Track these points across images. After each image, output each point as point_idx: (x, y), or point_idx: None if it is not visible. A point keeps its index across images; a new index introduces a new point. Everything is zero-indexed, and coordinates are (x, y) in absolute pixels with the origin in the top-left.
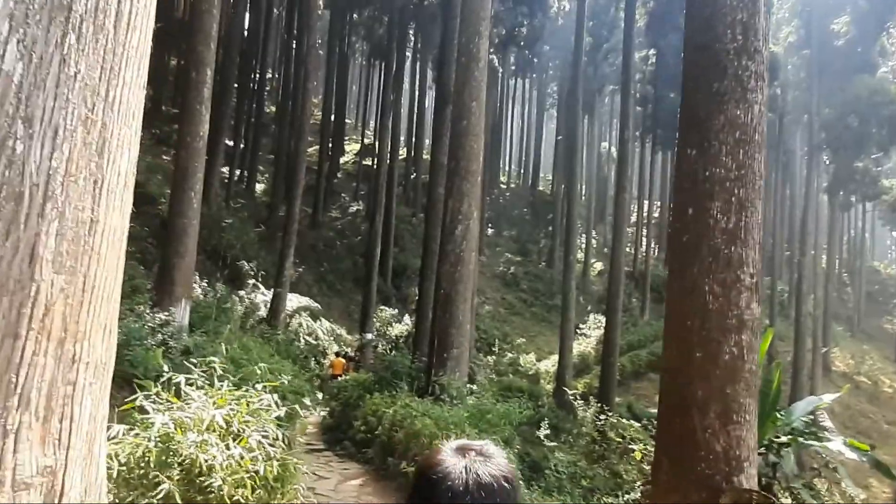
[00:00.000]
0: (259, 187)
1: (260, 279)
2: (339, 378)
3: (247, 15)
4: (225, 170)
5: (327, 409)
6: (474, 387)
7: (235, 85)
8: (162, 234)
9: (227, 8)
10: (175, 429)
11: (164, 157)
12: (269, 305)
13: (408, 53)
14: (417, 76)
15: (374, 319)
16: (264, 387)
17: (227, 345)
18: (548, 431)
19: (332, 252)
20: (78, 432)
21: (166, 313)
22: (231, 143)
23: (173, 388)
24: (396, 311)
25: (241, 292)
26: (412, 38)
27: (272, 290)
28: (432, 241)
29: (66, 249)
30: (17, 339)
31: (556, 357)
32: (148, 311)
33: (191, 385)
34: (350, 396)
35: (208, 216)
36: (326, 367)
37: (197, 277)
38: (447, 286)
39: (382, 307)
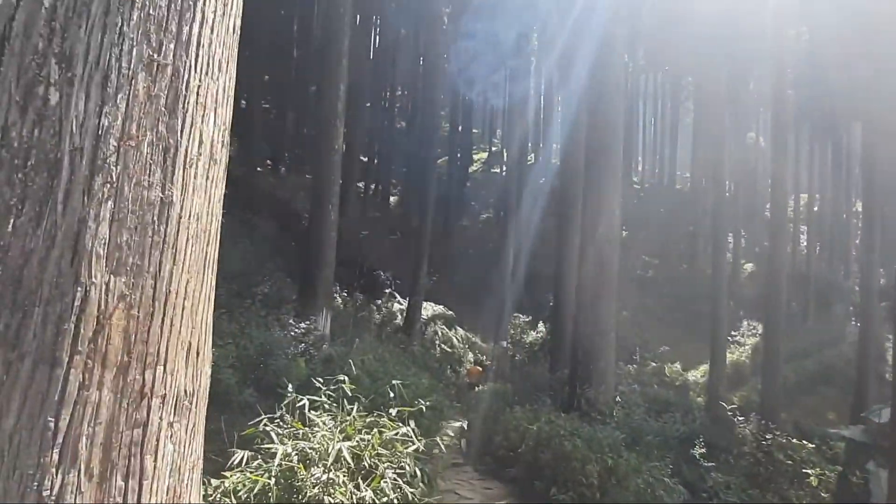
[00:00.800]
0: (392, 199)
1: (396, 288)
2: (476, 387)
3: (376, 35)
4: (360, 184)
5: (466, 420)
6: (619, 399)
7: (368, 104)
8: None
9: (357, 28)
10: (299, 462)
11: (308, 176)
12: (405, 314)
13: (532, 58)
14: (543, 76)
15: (509, 327)
16: (399, 411)
17: (364, 356)
18: (703, 450)
19: (465, 260)
20: (155, 491)
21: (308, 322)
22: (365, 159)
23: (297, 411)
24: (530, 318)
25: (379, 301)
26: (535, 40)
27: (408, 298)
28: (566, 244)
29: (126, 241)
30: (56, 367)
31: (705, 367)
32: (292, 321)
33: (316, 409)
34: (489, 408)
35: (346, 228)
36: (463, 375)
37: (337, 287)
38: (588, 291)
39: (517, 314)
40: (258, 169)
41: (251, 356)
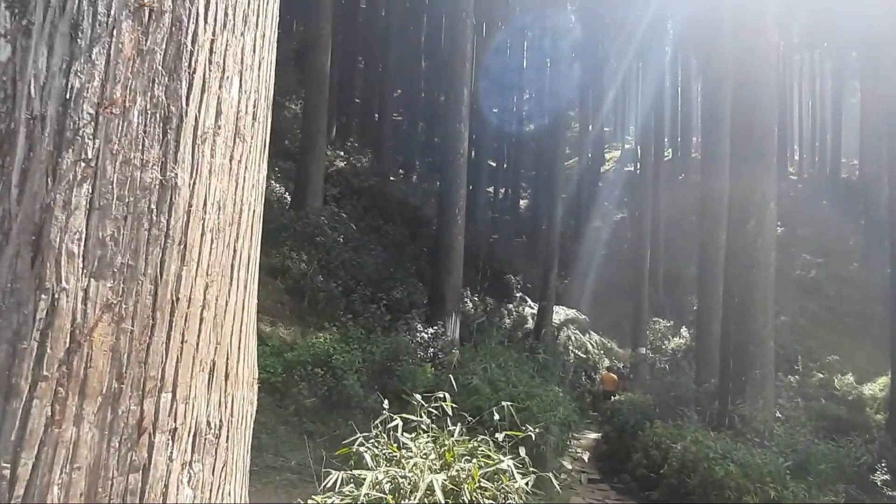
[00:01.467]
0: (522, 203)
1: (526, 292)
2: (612, 397)
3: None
4: (490, 189)
5: (601, 432)
6: (780, 416)
7: (495, 109)
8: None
9: (484, 34)
10: (389, 493)
11: (438, 183)
12: (535, 318)
13: (666, 48)
14: (680, 67)
15: (647, 332)
16: (506, 436)
17: (487, 363)
18: (886, 476)
19: (598, 262)
20: None
21: (435, 327)
22: (493, 164)
23: (389, 433)
24: (671, 322)
25: (510, 305)
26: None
27: (538, 302)
28: (711, 242)
29: (111, 235)
30: (12, 398)
31: (885, 379)
32: (420, 326)
33: (412, 431)
34: (626, 422)
35: (475, 232)
36: (598, 382)
37: (468, 292)
38: (739, 293)
39: (655, 319)
40: (391, 178)
41: (377, 361)
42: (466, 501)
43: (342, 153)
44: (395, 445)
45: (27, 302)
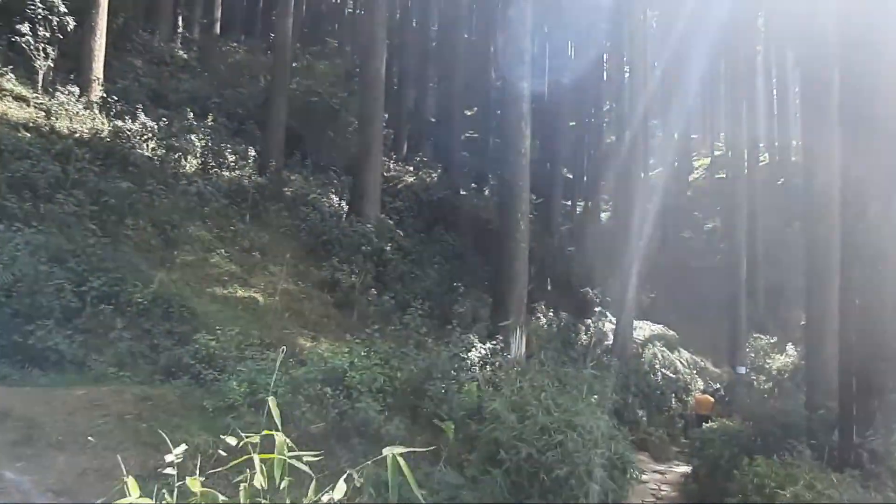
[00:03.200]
0: (603, 216)
1: (607, 307)
2: (706, 422)
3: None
4: (568, 202)
5: (689, 465)
6: None
7: (572, 122)
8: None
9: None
10: None
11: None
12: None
13: (758, 47)
14: (774, 67)
15: (746, 350)
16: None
17: (524, 382)
18: None
19: (688, 274)
20: None
21: (494, 342)
22: (571, 175)
23: None
24: (775, 339)
25: (588, 321)
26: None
27: (616, 316)
28: (819, 246)
29: None
30: None
31: None
32: (477, 341)
33: None
34: (720, 455)
35: (551, 245)
36: (690, 405)
37: (542, 306)
38: (863, 296)
39: (756, 335)
40: (462, 192)
41: (406, 380)
42: None
43: (412, 168)
44: None
45: None
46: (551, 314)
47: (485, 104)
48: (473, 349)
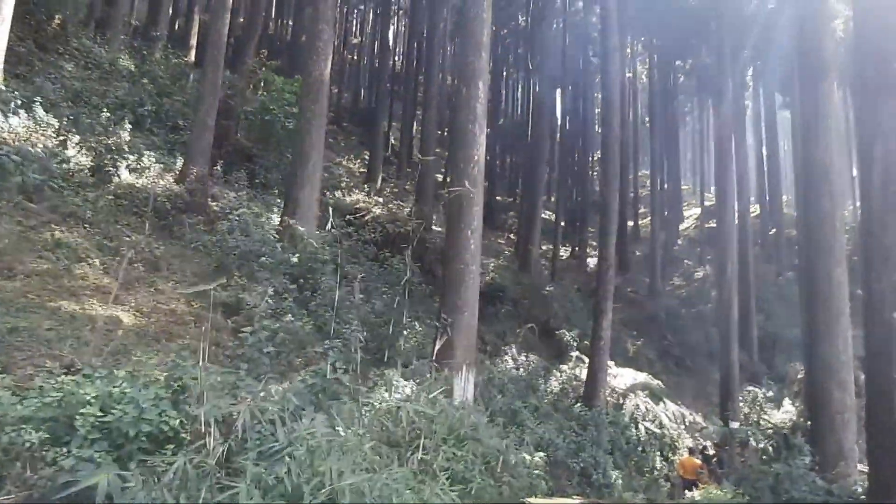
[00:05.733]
0: (592, 262)
1: (584, 351)
2: (694, 488)
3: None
4: (548, 246)
5: None
6: None
7: (569, 180)
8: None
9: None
10: None
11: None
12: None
13: (747, 89)
14: (763, 111)
15: (740, 402)
16: None
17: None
18: None
19: (677, 322)
20: None
21: (418, 382)
22: (563, 223)
23: None
24: (771, 392)
25: (563, 366)
26: (746, 67)
27: (589, 359)
28: (821, 286)
29: None
30: None
31: None
32: (398, 378)
33: None
34: None
35: (529, 285)
36: (676, 466)
37: (513, 350)
38: (876, 344)
39: (750, 387)
40: (434, 226)
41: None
42: None
43: (381, 200)
44: None
45: None
46: (523, 357)
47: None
48: (393, 388)
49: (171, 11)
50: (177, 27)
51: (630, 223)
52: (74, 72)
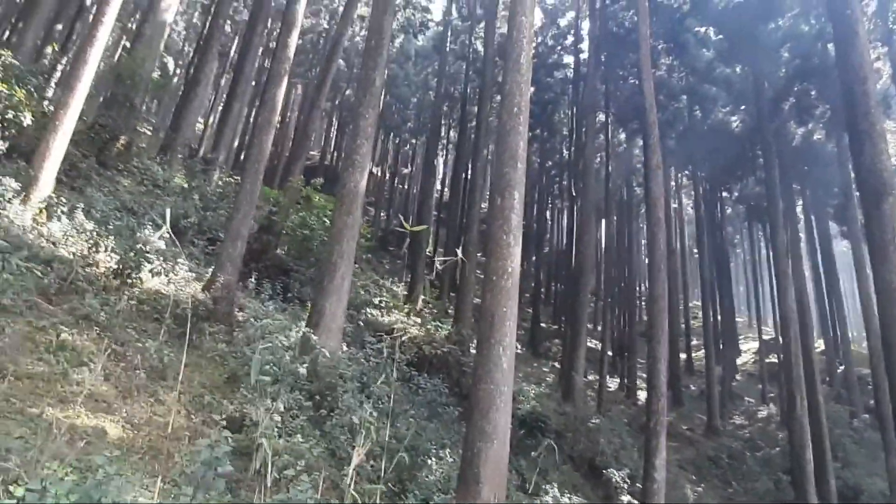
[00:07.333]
0: (642, 395)
1: (636, 495)
2: None
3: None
4: (605, 377)
5: None
6: None
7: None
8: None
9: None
10: None
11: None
12: None
13: (799, 220)
14: (818, 240)
15: None
16: None
17: None
18: None
19: (741, 467)
20: None
21: None
22: (610, 353)
23: None
24: None
25: None
26: (797, 196)
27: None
28: None
29: None
30: None
31: None
32: None
33: None
34: None
35: (573, 416)
36: None
37: (555, 490)
38: None
39: None
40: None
41: None
42: None
43: (419, 320)
44: None
45: None
46: (566, 500)
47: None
48: None
49: (234, 136)
50: (234, 149)
51: (682, 355)
52: (129, 187)
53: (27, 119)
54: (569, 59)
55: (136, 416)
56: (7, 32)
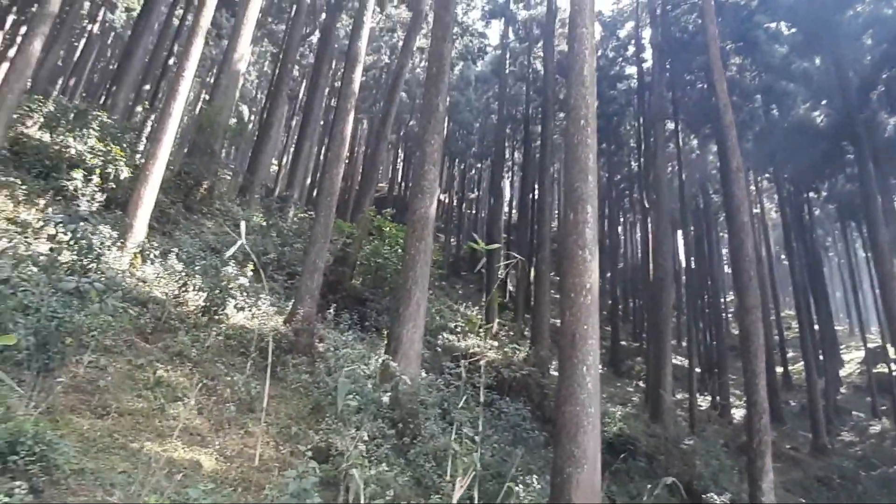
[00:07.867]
0: (736, 413)
1: None
2: None
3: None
4: (695, 395)
5: None
6: None
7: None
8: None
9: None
10: None
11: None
12: None
13: None
14: None
15: None
16: None
17: None
18: None
19: (856, 488)
20: None
21: None
22: (699, 370)
23: None
24: None
25: None
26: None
27: None
28: None
29: None
30: None
31: None
32: None
33: None
34: None
35: (664, 437)
36: None
37: None
38: None
39: None
40: (552, 370)
41: None
42: None
43: (495, 343)
44: None
45: None
46: None
47: None
48: None
49: (306, 173)
50: (307, 186)
51: (779, 369)
52: (213, 228)
53: (124, 172)
54: (631, 70)
55: (227, 448)
56: (103, 96)
